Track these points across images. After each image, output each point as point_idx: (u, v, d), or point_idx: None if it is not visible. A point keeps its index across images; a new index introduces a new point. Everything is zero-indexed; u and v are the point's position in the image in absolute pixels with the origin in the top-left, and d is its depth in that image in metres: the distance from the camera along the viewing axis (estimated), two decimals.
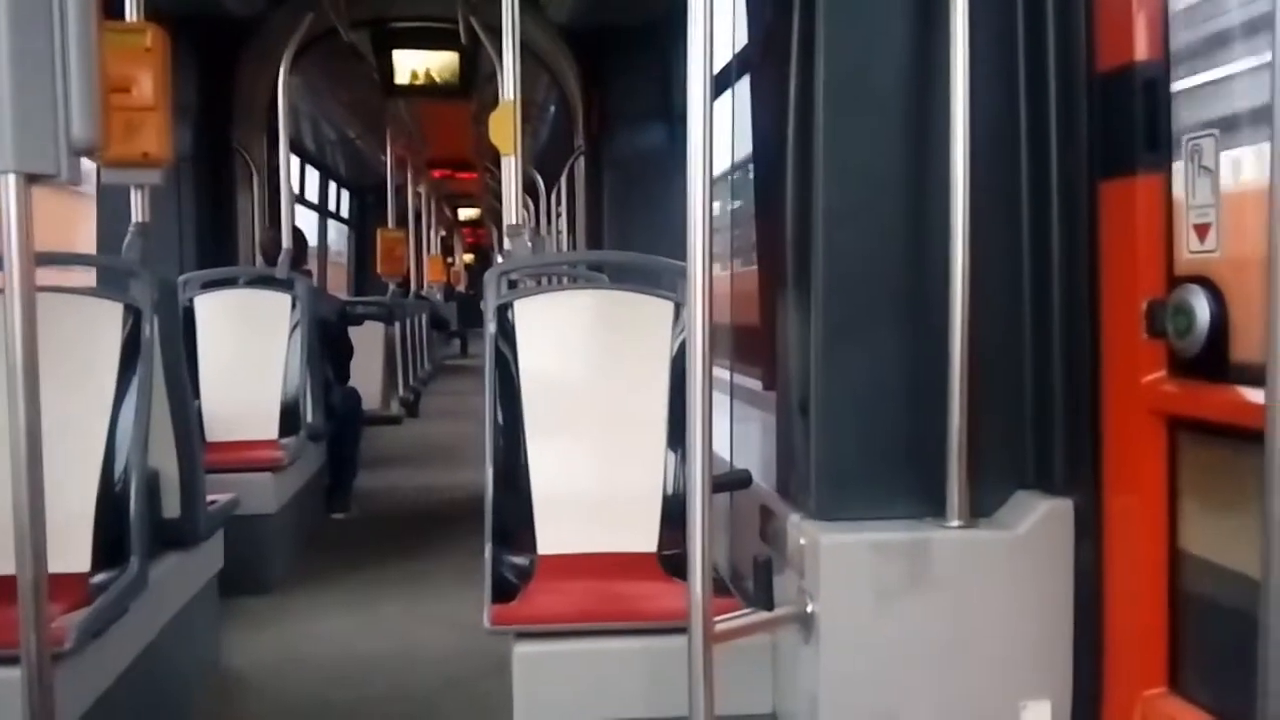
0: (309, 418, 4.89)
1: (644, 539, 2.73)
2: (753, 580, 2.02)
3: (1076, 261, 1.94)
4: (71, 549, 2.51)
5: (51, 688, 1.75)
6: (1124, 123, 1.79)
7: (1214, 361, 1.64)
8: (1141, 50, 1.77)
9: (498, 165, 3.42)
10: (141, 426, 2.69)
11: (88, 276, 3.45)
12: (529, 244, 3.35)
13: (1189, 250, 1.69)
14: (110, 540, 2.58)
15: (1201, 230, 1.66)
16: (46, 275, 1.99)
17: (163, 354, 2.85)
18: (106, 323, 2.75)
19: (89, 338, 2.74)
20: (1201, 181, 1.65)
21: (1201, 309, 1.64)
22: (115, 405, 2.69)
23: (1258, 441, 1.46)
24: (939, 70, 1.96)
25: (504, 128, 3.42)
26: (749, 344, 3.35)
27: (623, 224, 6.53)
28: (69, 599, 2.30)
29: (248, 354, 4.85)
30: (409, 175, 12.23)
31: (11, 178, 1.67)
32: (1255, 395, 1.57)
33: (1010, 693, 1.97)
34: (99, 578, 2.50)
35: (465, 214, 21.88)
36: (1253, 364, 1.53)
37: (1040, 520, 1.97)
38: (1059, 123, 1.96)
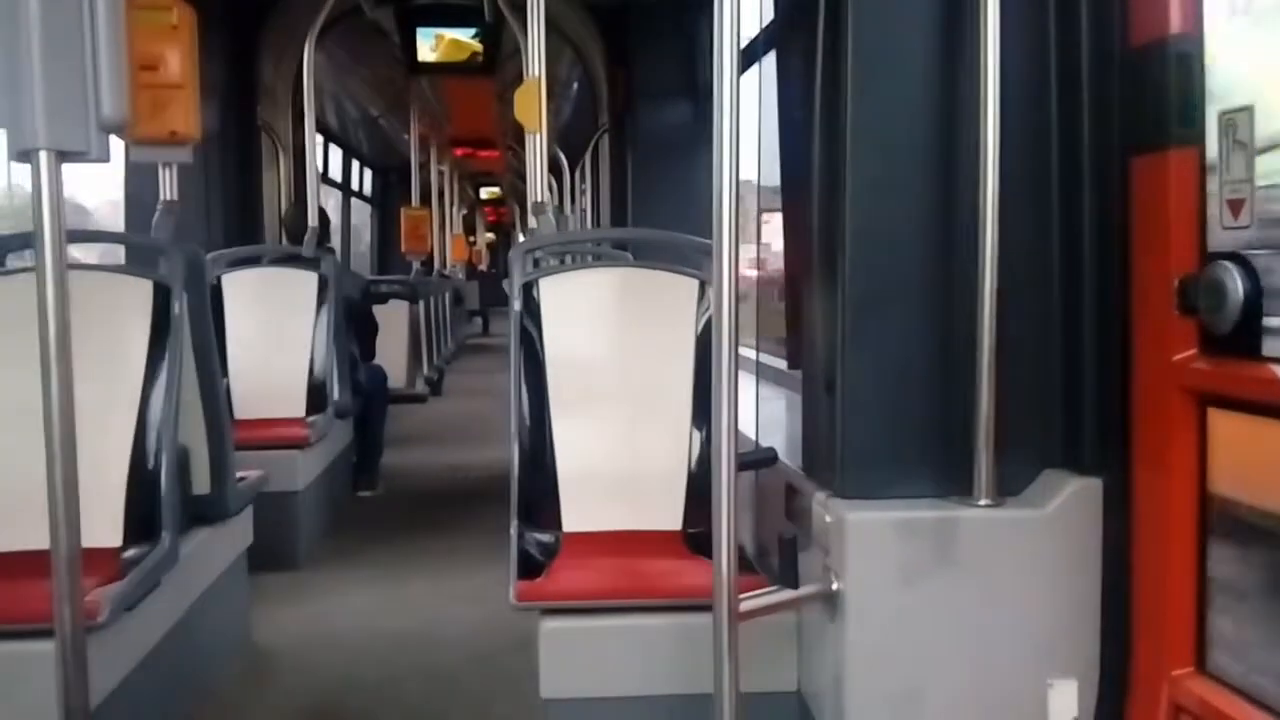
0: (335, 395, 4.92)
1: (669, 517, 2.73)
2: (778, 558, 2.02)
3: (1107, 237, 1.91)
4: (104, 524, 2.54)
5: (85, 661, 1.78)
6: (1157, 97, 1.77)
7: (1247, 339, 1.62)
8: (1175, 23, 1.74)
9: (521, 143, 3.43)
10: (171, 403, 2.71)
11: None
12: (553, 221, 3.35)
13: (1223, 226, 1.66)
14: (141, 516, 2.61)
15: (1235, 206, 1.63)
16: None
17: (192, 331, 2.87)
18: (136, 300, 2.77)
19: (119, 315, 2.76)
20: (1236, 156, 1.62)
21: (1234, 286, 1.62)
22: (146, 382, 2.71)
23: None
24: (969, 43, 1.94)
25: (529, 105, 3.42)
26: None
27: (647, 201, 6.50)
28: (102, 573, 2.33)
29: (275, 332, 4.88)
30: (432, 153, 12.23)
31: (43, 155, 1.68)
32: None
33: (1037, 672, 1.96)
34: (131, 552, 2.53)
35: (486, 193, 21.85)
36: None
37: (1068, 499, 1.96)
38: (1091, 97, 1.93)
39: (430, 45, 7.42)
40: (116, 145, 1.89)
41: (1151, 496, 1.85)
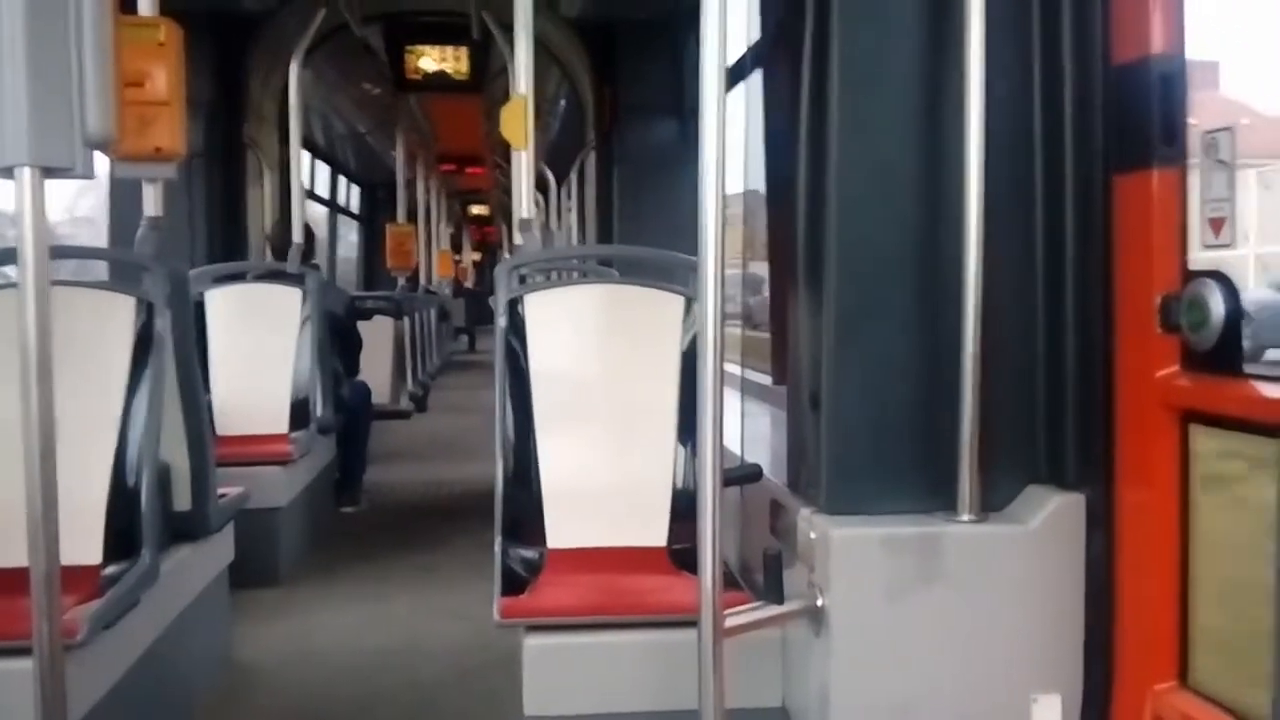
0: (319, 411, 4.89)
1: (654, 533, 2.73)
2: (763, 574, 2.02)
3: (1090, 255, 1.93)
4: (83, 541, 2.51)
5: (63, 678, 1.76)
6: (1139, 116, 1.78)
7: (1228, 356, 1.64)
8: (1158, 43, 1.76)
9: (508, 160, 3.43)
10: (154, 419, 2.69)
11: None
12: (539, 238, 3.35)
13: (1204, 244, 1.68)
14: (122, 532, 2.58)
15: (1216, 224, 1.65)
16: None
17: (174, 347, 2.86)
18: (119, 316, 2.76)
19: (102, 331, 2.74)
20: (1217, 175, 1.64)
21: (1216, 303, 1.64)
22: (127, 398, 2.70)
23: (1271, 436, 1.45)
24: (953, 62, 1.96)
25: (515, 122, 3.42)
26: None
27: (633, 219, 6.53)
28: (81, 591, 2.31)
29: (258, 348, 4.85)
30: (419, 170, 12.24)
31: (27, 171, 1.68)
32: (1269, 389, 1.56)
33: (1021, 686, 1.96)
34: (111, 570, 2.51)
35: (473, 210, 21.86)
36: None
37: (1052, 515, 1.97)
38: (1074, 115, 1.95)
39: (418, 63, 7.44)
40: (101, 161, 1.88)
41: (1134, 512, 1.86)
